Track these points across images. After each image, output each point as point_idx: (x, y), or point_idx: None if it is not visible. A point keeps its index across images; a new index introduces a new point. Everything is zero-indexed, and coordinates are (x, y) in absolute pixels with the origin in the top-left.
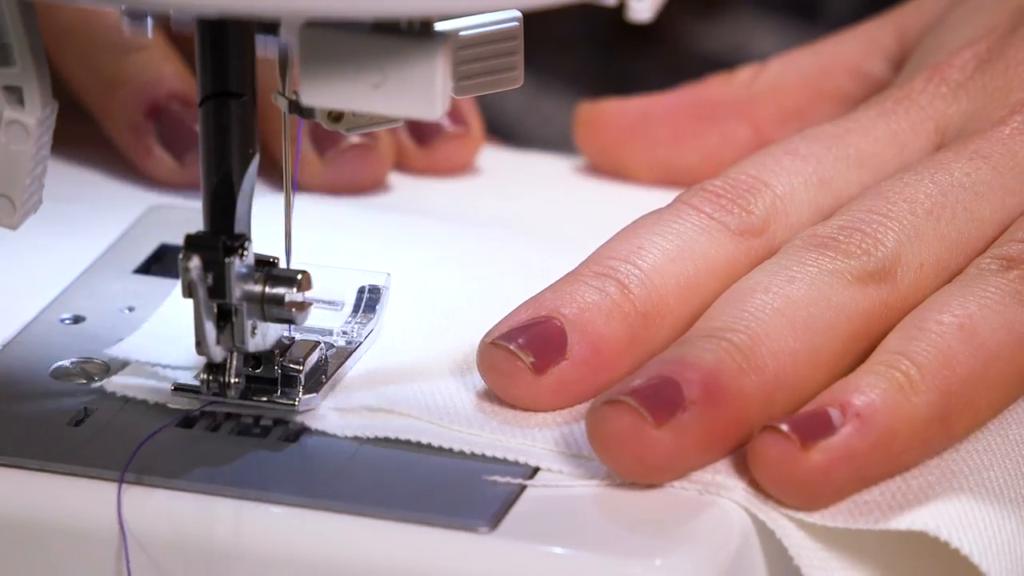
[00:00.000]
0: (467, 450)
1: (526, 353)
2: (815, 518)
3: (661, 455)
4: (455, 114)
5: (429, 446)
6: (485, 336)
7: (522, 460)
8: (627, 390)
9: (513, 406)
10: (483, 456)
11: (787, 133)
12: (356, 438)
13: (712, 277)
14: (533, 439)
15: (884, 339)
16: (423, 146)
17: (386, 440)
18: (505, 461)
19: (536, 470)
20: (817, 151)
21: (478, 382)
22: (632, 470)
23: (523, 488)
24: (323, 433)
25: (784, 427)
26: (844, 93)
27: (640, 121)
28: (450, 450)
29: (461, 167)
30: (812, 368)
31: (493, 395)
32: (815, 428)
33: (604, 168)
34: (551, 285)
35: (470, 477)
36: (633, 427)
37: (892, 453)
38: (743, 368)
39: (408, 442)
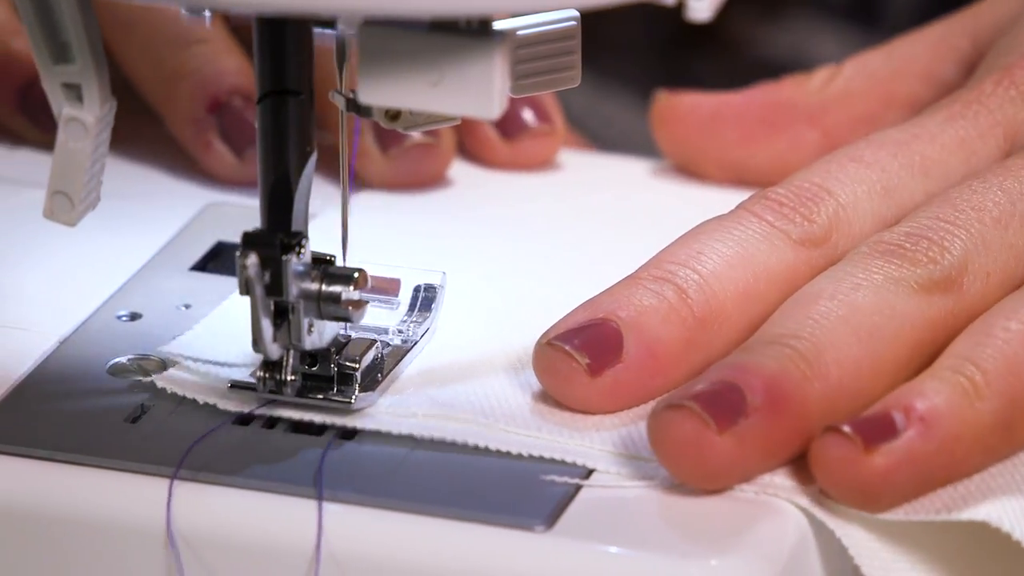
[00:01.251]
0: (523, 453)
1: (582, 354)
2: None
3: (723, 461)
4: (540, 111)
5: (485, 449)
6: (541, 337)
7: (579, 462)
8: (690, 395)
9: (568, 407)
10: (539, 458)
11: (857, 138)
12: (411, 437)
13: (771, 285)
14: (589, 440)
15: (950, 344)
16: (508, 141)
17: (441, 441)
18: (561, 463)
19: (591, 471)
20: (882, 158)
21: (533, 382)
22: (694, 475)
23: (578, 488)
24: (377, 433)
25: (847, 429)
26: (916, 98)
27: (712, 120)
28: (507, 452)
29: (544, 163)
30: (875, 377)
31: (547, 396)
32: (878, 431)
33: (677, 160)
34: (609, 288)
35: (525, 478)
36: (696, 432)
37: (955, 458)
38: (807, 376)
39: (464, 444)
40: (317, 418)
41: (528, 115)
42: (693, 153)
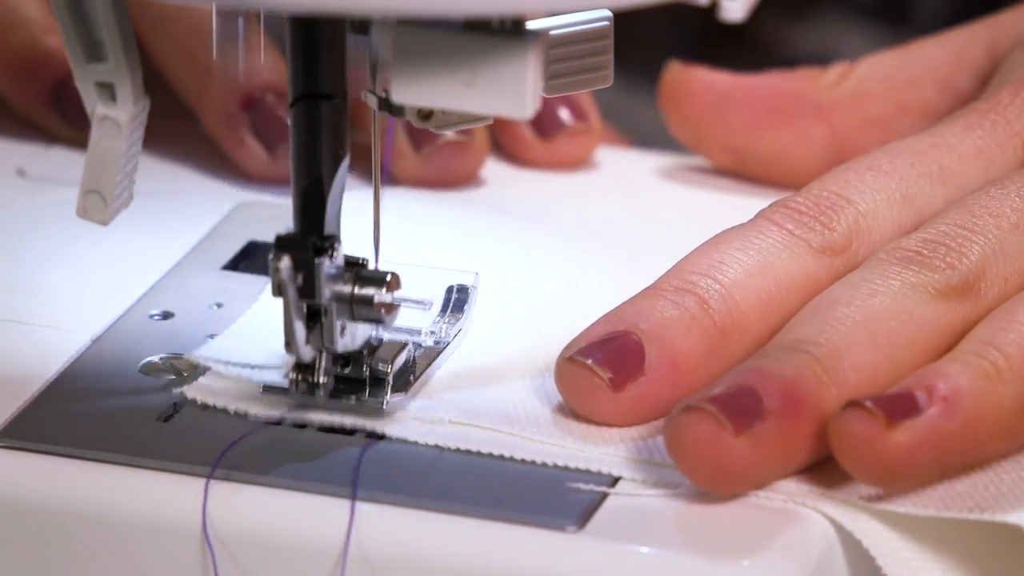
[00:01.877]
0: (549, 462)
1: (604, 369)
2: (898, 506)
3: (739, 464)
4: (576, 109)
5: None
6: (563, 351)
7: (604, 470)
8: (706, 397)
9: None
10: (565, 467)
11: (867, 141)
12: (437, 445)
13: (793, 294)
14: (615, 449)
15: (972, 330)
16: (544, 139)
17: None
18: (588, 471)
19: (617, 479)
20: (900, 167)
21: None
22: (710, 478)
23: (604, 496)
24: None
25: (869, 404)
26: (930, 105)
27: (721, 101)
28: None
29: (580, 162)
30: (892, 382)
31: None
32: (901, 408)
33: (682, 138)
34: (629, 299)
35: (554, 481)
36: (712, 434)
37: (976, 440)
38: (823, 381)
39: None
40: (348, 421)
41: (564, 114)
42: (700, 132)
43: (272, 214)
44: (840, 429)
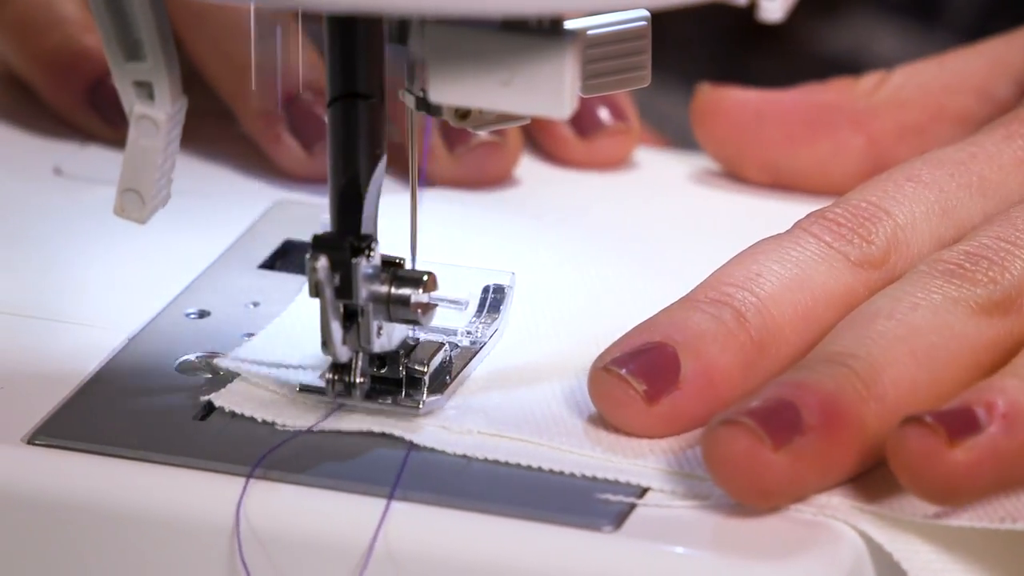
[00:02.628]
0: (578, 472)
1: (638, 381)
2: (929, 517)
3: (777, 479)
4: (615, 109)
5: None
6: (597, 360)
7: (634, 481)
8: (745, 411)
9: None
10: (594, 478)
11: (904, 149)
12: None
13: (829, 308)
14: (644, 460)
15: None
16: (583, 139)
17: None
18: (617, 482)
19: (646, 490)
20: (940, 177)
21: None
22: (748, 493)
23: (633, 507)
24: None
25: (930, 420)
26: (967, 113)
27: (756, 118)
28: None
29: (618, 162)
30: (933, 398)
31: None
32: (961, 424)
33: (716, 158)
34: (665, 309)
35: (584, 489)
36: (750, 449)
37: None
38: (863, 396)
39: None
40: (376, 428)
41: (604, 114)
42: (734, 151)
43: (309, 213)
44: (899, 444)
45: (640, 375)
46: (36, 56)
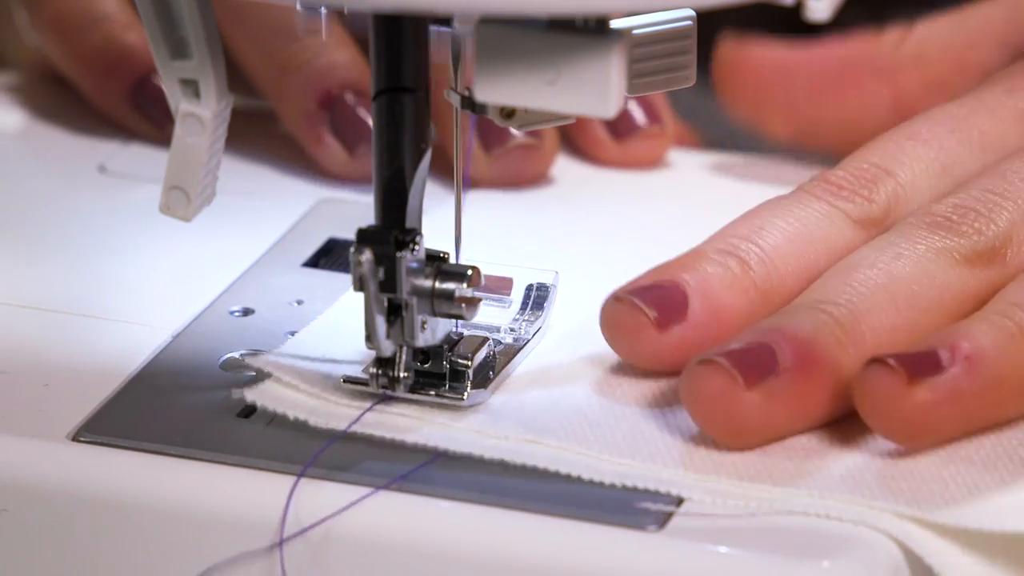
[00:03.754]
0: (616, 483)
1: (650, 308)
2: (967, 521)
3: (750, 417)
4: (651, 112)
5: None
6: (610, 295)
7: (673, 492)
8: (722, 352)
9: (634, 362)
10: (633, 488)
11: (928, 102)
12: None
13: (831, 262)
14: (682, 469)
15: (1001, 290)
16: (618, 141)
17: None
18: (656, 493)
19: (682, 500)
20: (940, 134)
21: (631, 394)
22: (722, 430)
23: (670, 515)
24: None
25: (891, 361)
26: (989, 65)
27: (781, 73)
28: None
29: (653, 163)
30: (912, 345)
31: (641, 416)
32: (923, 365)
33: (740, 114)
34: (674, 258)
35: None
36: (724, 387)
37: (998, 400)
38: (840, 341)
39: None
40: (408, 439)
41: (639, 115)
42: (760, 108)
43: (353, 211)
44: (862, 385)
45: (651, 303)
46: (78, 54)
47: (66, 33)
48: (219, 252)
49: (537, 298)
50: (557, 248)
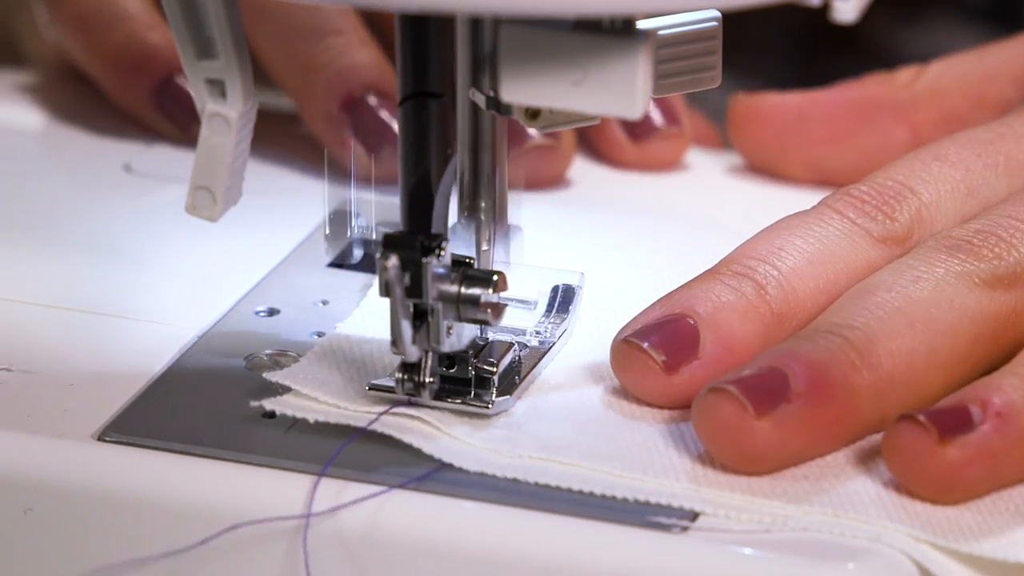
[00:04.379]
0: (630, 497)
1: (658, 352)
2: (985, 551)
3: (761, 445)
4: (669, 113)
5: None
6: (618, 333)
7: (686, 506)
8: (732, 379)
9: (647, 405)
10: (647, 503)
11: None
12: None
13: (851, 283)
14: (698, 482)
15: None
16: (636, 142)
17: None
18: (669, 507)
19: (697, 514)
20: (967, 157)
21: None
22: (733, 458)
23: (685, 529)
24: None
25: (922, 418)
26: (1006, 100)
27: (797, 119)
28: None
29: (671, 165)
30: (929, 368)
31: (659, 428)
32: (954, 423)
33: (758, 165)
34: (687, 282)
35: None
36: (734, 416)
37: None
38: (855, 365)
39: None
40: (425, 448)
41: (657, 117)
42: (776, 153)
43: (378, 212)
44: (892, 441)
45: (660, 346)
46: (100, 52)
47: (88, 31)
48: (245, 252)
49: (563, 300)
50: (580, 248)
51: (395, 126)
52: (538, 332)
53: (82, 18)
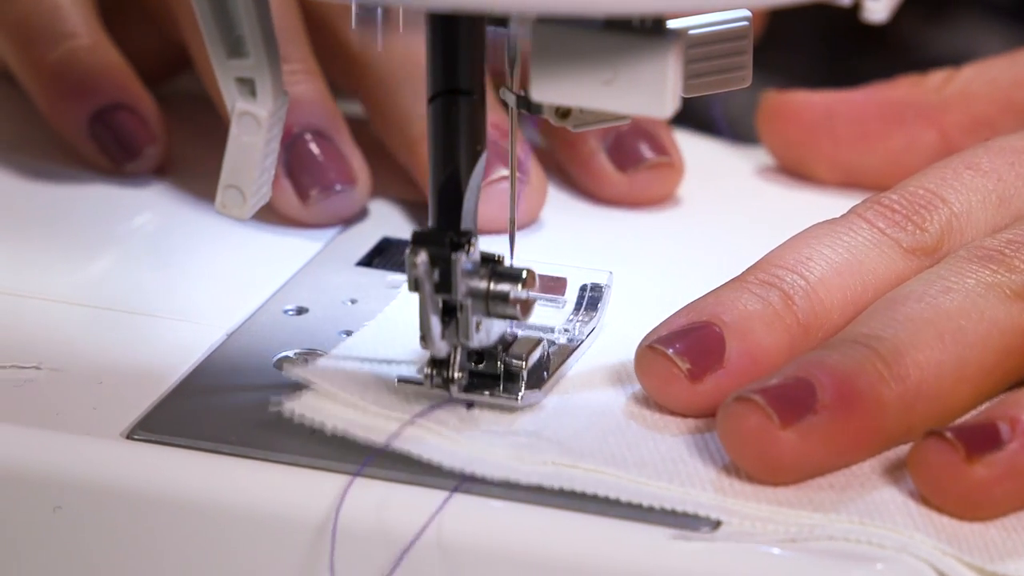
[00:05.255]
0: (656, 505)
1: (683, 359)
2: (1007, 568)
3: (786, 456)
4: (656, 144)
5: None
6: (643, 339)
7: (712, 515)
8: (759, 388)
9: (670, 412)
10: (672, 511)
11: (975, 142)
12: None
13: (879, 294)
14: (723, 492)
15: None
16: (623, 172)
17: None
18: (696, 516)
19: (720, 523)
20: (999, 166)
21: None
22: (757, 468)
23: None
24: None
25: (950, 435)
26: None
27: (826, 118)
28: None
29: (662, 198)
30: (957, 381)
31: (683, 436)
32: (982, 440)
33: (785, 163)
34: (714, 290)
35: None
36: (759, 426)
37: None
38: (883, 376)
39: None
40: (446, 461)
41: (644, 148)
42: (804, 152)
43: (406, 211)
44: (919, 458)
45: (685, 354)
46: (36, 69)
47: (26, 42)
48: (273, 250)
49: (591, 298)
50: (611, 248)
51: (330, 168)
52: (566, 330)
53: (22, 25)
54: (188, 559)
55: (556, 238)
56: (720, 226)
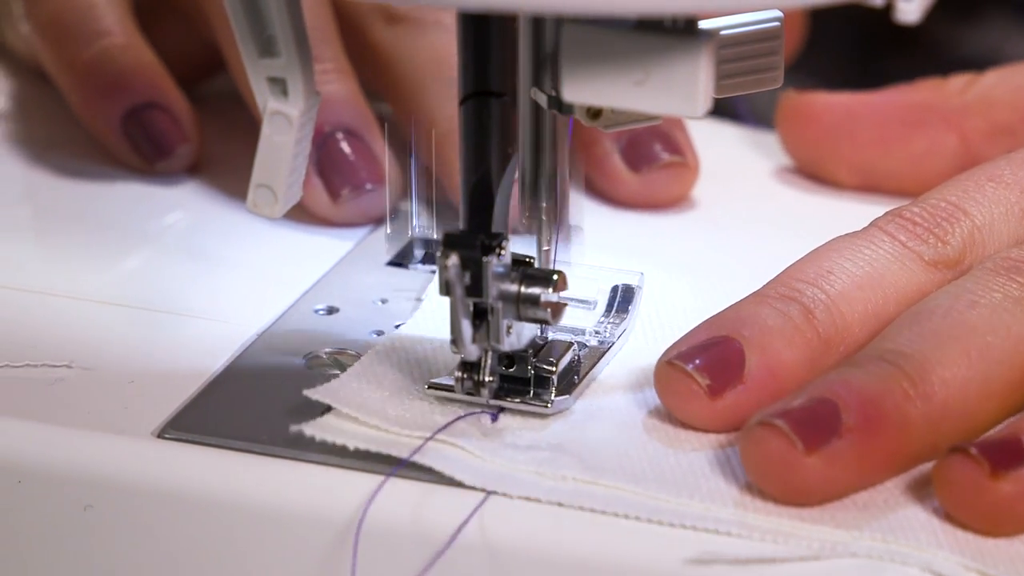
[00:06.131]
0: (676, 523)
1: (702, 375)
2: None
3: (811, 482)
4: (670, 144)
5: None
6: (663, 355)
7: (734, 531)
8: (781, 411)
9: (690, 428)
10: (693, 527)
11: (995, 148)
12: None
13: (900, 307)
14: (744, 507)
15: None
16: (637, 173)
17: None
18: (716, 531)
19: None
20: (1022, 178)
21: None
22: (780, 492)
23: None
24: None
25: (974, 451)
26: None
27: (847, 119)
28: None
29: (676, 199)
30: (983, 398)
31: (704, 451)
32: (1007, 456)
33: (803, 164)
34: (734, 304)
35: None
36: (782, 452)
37: None
38: (909, 395)
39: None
40: (468, 479)
41: (658, 147)
42: (824, 153)
43: (436, 211)
44: (943, 474)
45: (704, 370)
46: (70, 67)
47: (61, 39)
48: (305, 250)
49: (622, 300)
50: (642, 249)
51: (361, 167)
52: (598, 332)
53: (57, 23)
54: (219, 558)
55: (587, 240)
56: (738, 229)
